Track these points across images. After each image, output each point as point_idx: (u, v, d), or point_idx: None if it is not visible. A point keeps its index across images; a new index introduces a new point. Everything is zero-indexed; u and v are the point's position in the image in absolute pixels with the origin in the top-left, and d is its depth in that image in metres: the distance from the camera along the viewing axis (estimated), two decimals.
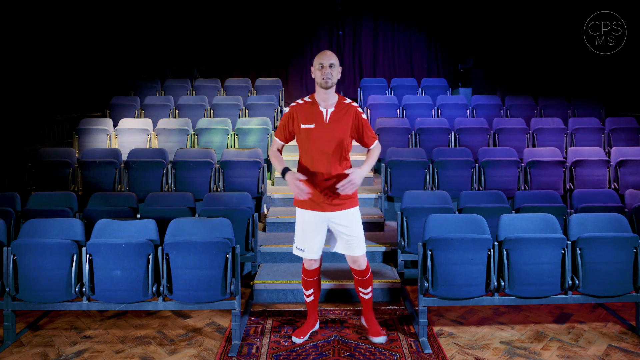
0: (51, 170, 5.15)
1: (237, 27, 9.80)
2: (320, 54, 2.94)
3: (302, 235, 3.07)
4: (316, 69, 2.92)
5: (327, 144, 2.92)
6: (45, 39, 7.70)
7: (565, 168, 5.23)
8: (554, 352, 3.13)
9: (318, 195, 2.96)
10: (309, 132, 2.93)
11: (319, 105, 2.96)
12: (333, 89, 2.96)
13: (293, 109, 3.01)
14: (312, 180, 2.95)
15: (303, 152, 3.00)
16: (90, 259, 3.18)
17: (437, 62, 10.17)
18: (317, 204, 2.97)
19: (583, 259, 3.25)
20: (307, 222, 3.04)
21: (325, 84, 2.89)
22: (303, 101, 3.03)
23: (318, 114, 2.95)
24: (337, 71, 2.92)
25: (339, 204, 2.97)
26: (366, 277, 3.16)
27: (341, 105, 2.98)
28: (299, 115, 2.97)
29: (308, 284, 3.24)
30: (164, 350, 3.18)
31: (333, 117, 2.94)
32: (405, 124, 6.23)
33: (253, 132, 6.01)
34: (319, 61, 2.90)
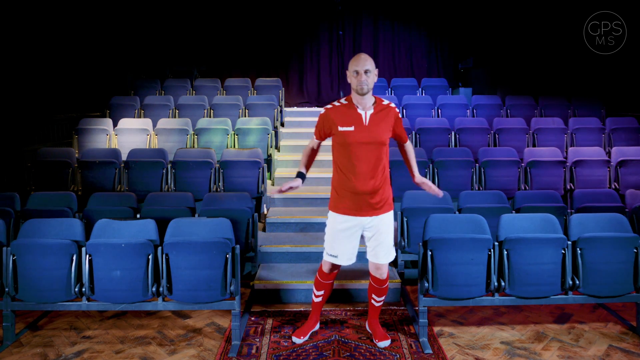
0: (51, 170, 5.14)
1: (237, 27, 9.79)
2: (355, 58, 2.86)
3: (334, 241, 3.01)
4: (351, 75, 2.85)
5: (366, 147, 2.87)
6: (45, 39, 7.70)
7: (566, 168, 5.23)
8: (555, 353, 3.13)
9: (354, 200, 2.91)
10: (347, 135, 2.87)
11: (356, 108, 2.90)
12: (370, 93, 2.90)
13: (329, 111, 2.95)
14: (350, 185, 2.90)
15: (340, 155, 2.94)
16: (89, 259, 3.17)
17: (437, 62, 10.16)
18: (355, 209, 2.93)
19: (583, 259, 3.25)
20: (340, 228, 2.98)
21: (361, 90, 2.83)
22: (340, 103, 2.97)
23: (357, 116, 2.89)
24: (373, 76, 2.86)
25: (377, 208, 2.94)
26: (384, 286, 3.13)
27: (380, 107, 2.94)
28: (335, 118, 2.91)
29: (321, 285, 3.21)
30: (164, 350, 3.17)
31: (373, 120, 2.89)
32: (405, 124, 6.22)
33: (253, 132, 6.01)
34: (353, 67, 2.83)
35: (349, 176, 2.90)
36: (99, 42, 8.66)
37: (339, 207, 2.97)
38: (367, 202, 2.91)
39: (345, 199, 2.94)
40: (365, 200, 2.91)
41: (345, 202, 2.94)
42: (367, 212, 2.93)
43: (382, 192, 2.94)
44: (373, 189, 2.89)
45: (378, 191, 2.91)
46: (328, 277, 3.17)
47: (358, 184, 2.88)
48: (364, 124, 2.89)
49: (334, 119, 2.92)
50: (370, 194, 2.90)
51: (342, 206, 2.95)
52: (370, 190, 2.89)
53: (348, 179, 2.90)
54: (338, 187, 2.97)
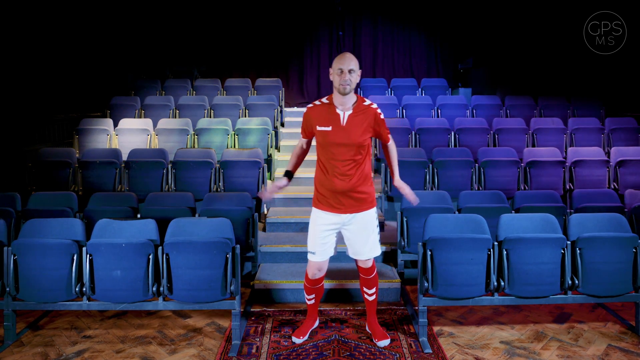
0: (51, 170, 5.15)
1: (237, 28, 9.80)
2: (340, 57, 2.85)
3: (314, 236, 3.05)
4: (335, 73, 2.84)
5: (343, 147, 2.88)
6: (45, 39, 7.70)
7: (565, 168, 5.24)
8: (554, 352, 3.14)
9: (334, 198, 2.94)
10: (325, 135, 2.90)
11: (336, 108, 2.91)
12: (352, 93, 2.90)
13: (309, 110, 2.99)
14: (329, 183, 2.93)
15: (320, 153, 2.98)
16: (90, 259, 3.18)
17: (436, 62, 10.17)
18: (335, 207, 2.96)
19: (583, 259, 3.26)
20: (321, 223, 3.01)
21: (343, 90, 2.83)
22: (320, 102, 2.99)
23: (335, 116, 2.90)
24: (356, 76, 2.86)
25: (357, 205, 2.96)
26: (371, 275, 3.15)
27: (360, 107, 2.93)
28: (314, 117, 2.94)
29: (310, 290, 3.23)
30: (164, 350, 3.18)
31: (350, 120, 2.89)
32: (405, 124, 6.23)
33: (253, 132, 6.02)
34: (338, 65, 2.83)
35: (328, 175, 2.93)
36: (99, 42, 8.66)
37: (320, 204, 3.01)
38: (347, 200, 2.94)
39: (326, 197, 2.97)
40: (345, 198, 2.93)
41: (326, 200, 2.97)
42: (347, 210, 2.96)
43: (362, 191, 2.96)
44: (351, 187, 2.91)
45: (357, 189, 2.93)
46: (315, 283, 3.18)
47: (336, 183, 2.91)
48: (341, 124, 2.89)
49: (314, 118, 2.95)
50: (349, 192, 2.92)
51: (323, 203, 2.99)
52: (348, 189, 2.91)
53: (327, 178, 2.94)
54: (319, 185, 3.01)
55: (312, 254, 3.07)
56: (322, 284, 3.23)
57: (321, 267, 3.11)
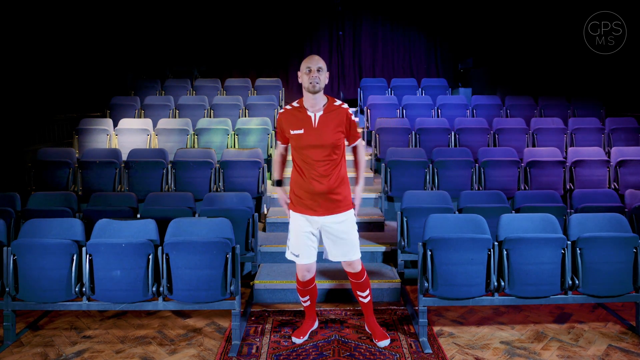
0: (51, 170, 5.15)
1: (237, 27, 9.80)
2: (308, 58, 2.90)
3: (296, 240, 3.04)
4: (303, 73, 2.88)
5: (317, 149, 2.89)
6: (45, 39, 7.70)
7: (565, 168, 5.23)
8: (554, 352, 3.13)
9: (312, 200, 2.94)
10: (298, 138, 2.90)
11: (307, 110, 2.93)
12: (321, 93, 2.92)
13: (281, 116, 3.00)
14: (306, 185, 2.93)
15: (296, 156, 2.98)
16: (90, 259, 3.18)
17: (436, 62, 10.17)
18: (311, 209, 2.95)
19: (583, 259, 3.25)
20: (300, 226, 3.01)
21: (312, 88, 2.85)
22: (291, 107, 3.01)
23: (306, 119, 2.91)
24: (324, 75, 2.89)
25: (334, 207, 2.96)
26: (362, 279, 3.14)
27: (330, 107, 2.94)
28: (286, 122, 2.96)
29: (303, 292, 3.23)
30: (164, 350, 3.18)
31: (322, 121, 2.90)
32: (405, 124, 6.23)
33: (253, 132, 6.01)
34: (306, 65, 2.87)
35: (304, 177, 2.93)
36: (99, 42, 8.66)
37: (297, 207, 3.00)
38: (324, 201, 2.93)
39: (302, 199, 2.97)
40: (322, 200, 2.93)
41: (304, 201, 2.96)
42: (324, 212, 2.95)
43: (339, 192, 2.96)
44: (328, 189, 2.91)
45: (335, 191, 2.93)
46: (305, 284, 3.17)
47: (314, 185, 2.90)
48: (313, 126, 2.90)
49: (285, 123, 2.97)
50: (326, 194, 2.92)
51: (300, 206, 2.99)
52: (325, 191, 2.91)
53: (304, 180, 2.93)
54: (295, 187, 3.00)
55: (297, 257, 3.05)
56: (314, 285, 3.22)
57: (310, 268, 3.10)
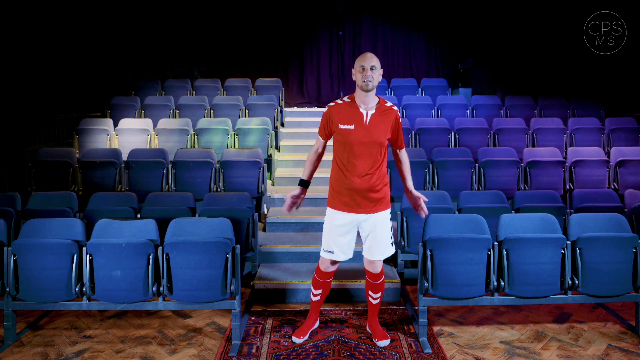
0: (51, 170, 5.15)
1: (237, 28, 9.80)
2: (362, 56, 2.93)
3: (332, 237, 3.04)
4: (357, 71, 2.90)
5: (365, 146, 2.91)
6: (46, 39, 7.70)
7: (565, 168, 5.24)
8: (554, 352, 3.14)
9: (352, 197, 2.95)
10: (347, 133, 2.92)
11: (359, 107, 2.95)
12: (374, 92, 2.95)
13: (331, 109, 3.00)
14: (347, 182, 2.94)
15: (340, 152, 2.98)
16: (90, 259, 3.18)
17: (436, 62, 10.17)
18: (351, 206, 2.96)
19: (583, 259, 3.26)
20: (338, 224, 3.01)
21: (366, 86, 2.88)
22: (342, 101, 3.01)
23: (358, 115, 2.93)
24: (378, 74, 2.91)
25: (373, 205, 2.97)
26: (379, 281, 3.15)
27: (382, 108, 2.97)
28: (337, 116, 2.96)
29: (319, 284, 3.22)
30: (164, 350, 3.18)
31: (373, 120, 2.93)
32: (405, 124, 6.23)
33: (253, 132, 6.02)
34: (360, 63, 2.89)
35: (347, 174, 2.94)
36: (99, 42, 8.66)
37: (336, 203, 3.01)
38: (364, 199, 2.95)
39: (342, 195, 2.97)
40: (362, 198, 2.94)
41: (343, 198, 2.97)
42: (363, 209, 2.97)
43: (380, 190, 2.98)
44: (370, 186, 2.93)
45: (375, 189, 2.95)
46: (326, 276, 3.18)
47: (356, 182, 2.92)
48: (364, 123, 2.93)
49: (336, 116, 2.97)
50: (367, 192, 2.93)
51: (339, 203, 2.99)
52: (367, 188, 2.93)
53: (346, 177, 2.94)
54: (336, 184, 3.01)
55: (331, 254, 3.05)
56: (330, 280, 3.23)
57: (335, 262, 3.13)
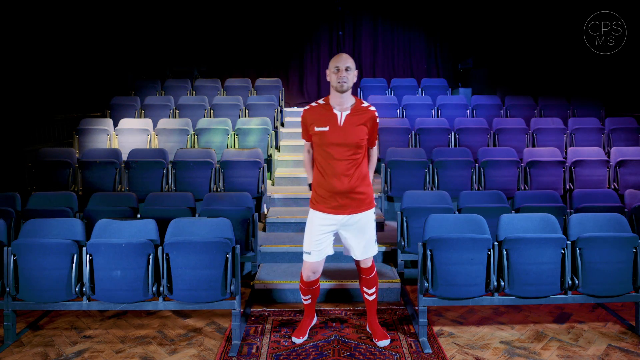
0: (51, 170, 5.15)
1: (237, 28, 9.80)
2: (337, 57, 2.91)
3: (310, 237, 3.05)
4: (332, 72, 2.88)
5: (341, 147, 2.89)
6: (45, 39, 7.70)
7: (565, 168, 5.24)
8: (554, 352, 3.14)
9: (333, 198, 2.94)
10: (322, 135, 2.91)
11: (333, 108, 2.93)
12: (349, 92, 2.93)
13: (305, 113, 3.00)
14: (327, 184, 2.93)
15: (318, 154, 2.98)
16: (90, 259, 3.18)
17: (436, 62, 10.17)
18: (333, 207, 2.96)
19: (583, 259, 3.26)
20: (319, 224, 3.01)
21: (340, 87, 2.86)
22: (316, 104, 3.01)
23: (332, 117, 2.92)
24: (353, 74, 2.89)
25: (356, 206, 2.97)
26: (371, 275, 3.16)
27: (358, 108, 2.95)
28: (310, 119, 2.96)
29: (306, 291, 3.24)
30: (164, 350, 3.18)
31: (348, 121, 2.91)
32: (405, 124, 6.23)
33: (253, 132, 6.02)
34: (334, 64, 2.87)
35: (326, 176, 2.94)
36: (99, 42, 8.66)
37: (318, 205, 3.01)
38: (346, 200, 2.94)
39: (324, 197, 2.97)
40: (344, 199, 2.94)
41: (325, 200, 2.97)
42: (345, 210, 2.96)
43: (361, 191, 2.97)
44: (350, 188, 2.92)
45: (356, 190, 2.94)
46: (309, 285, 3.19)
47: (335, 183, 2.91)
48: (338, 124, 2.91)
49: (310, 120, 2.97)
50: (349, 193, 2.93)
51: (321, 204, 2.99)
52: (347, 189, 2.92)
53: (325, 179, 2.94)
54: (317, 186, 3.01)
55: (308, 254, 3.07)
56: (317, 285, 3.24)
57: (316, 269, 3.11)
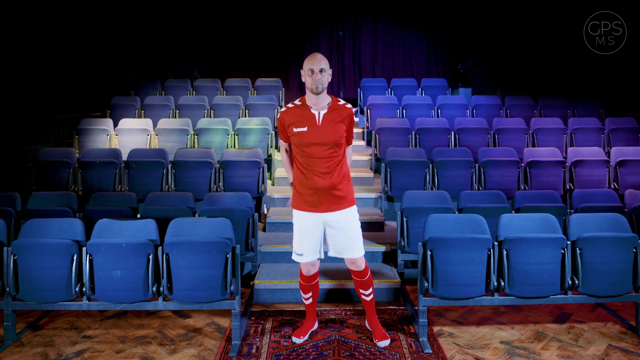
0: (51, 170, 5.15)
1: (237, 27, 9.80)
2: (310, 57, 2.90)
3: (300, 238, 3.05)
4: (306, 74, 2.88)
5: (320, 146, 2.90)
6: (46, 39, 7.70)
7: (565, 168, 5.24)
8: (554, 352, 3.14)
9: (314, 196, 2.95)
10: (301, 136, 2.91)
11: (310, 108, 2.94)
12: (324, 93, 2.93)
13: (282, 115, 3.00)
14: (308, 182, 2.94)
15: (298, 154, 2.98)
16: (90, 259, 3.18)
17: (436, 62, 10.18)
18: (314, 205, 2.97)
19: (583, 259, 3.26)
20: (304, 224, 3.02)
21: (316, 89, 2.86)
22: (293, 105, 3.01)
23: (310, 116, 2.92)
24: (327, 75, 2.89)
25: (337, 204, 2.97)
26: (365, 277, 3.15)
27: (334, 107, 2.96)
28: (289, 120, 2.96)
29: (306, 288, 3.24)
30: (164, 350, 3.18)
31: (326, 119, 2.91)
32: (405, 124, 6.23)
33: (253, 132, 6.02)
34: (308, 66, 2.86)
35: (307, 174, 2.94)
36: (99, 42, 8.67)
37: (301, 204, 3.01)
38: (327, 197, 2.95)
39: (305, 196, 2.98)
40: (325, 196, 2.94)
41: (306, 198, 2.97)
42: (327, 208, 2.97)
43: (341, 189, 2.97)
44: (331, 184, 2.92)
45: (337, 187, 2.94)
46: (309, 279, 3.19)
47: (316, 181, 2.92)
48: (317, 124, 2.91)
49: (288, 121, 2.96)
50: (330, 189, 2.93)
51: (303, 203, 2.99)
52: (329, 186, 2.92)
53: (307, 177, 2.94)
54: (299, 185, 3.01)
55: (300, 256, 3.06)
56: (317, 281, 3.25)
57: (314, 263, 3.13)
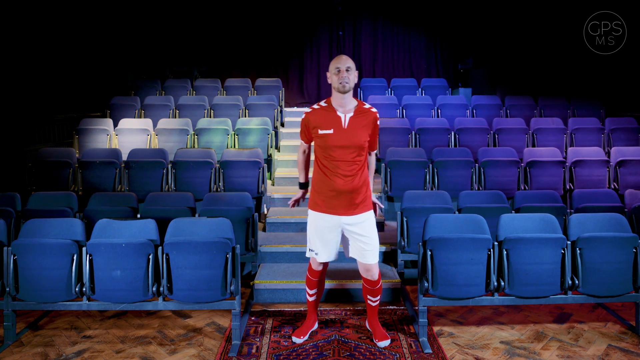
0: (51, 170, 5.15)
1: (237, 27, 9.80)
2: (337, 58, 2.92)
3: (315, 238, 3.06)
4: (332, 73, 2.89)
5: (345, 149, 2.90)
6: (45, 39, 7.70)
7: (565, 168, 5.24)
8: (554, 352, 3.14)
9: (334, 199, 2.95)
10: (327, 138, 2.91)
11: (336, 111, 2.93)
12: (350, 94, 2.93)
13: (308, 116, 3.00)
14: (330, 184, 2.93)
15: (321, 155, 2.98)
16: (90, 259, 3.18)
17: (436, 62, 10.17)
18: (333, 208, 2.96)
19: (583, 259, 3.26)
20: (320, 225, 3.02)
21: (342, 88, 2.86)
22: (319, 106, 3.00)
23: (336, 119, 2.92)
24: (354, 75, 2.90)
25: (355, 207, 2.97)
26: (377, 287, 3.16)
27: (360, 110, 2.96)
28: (314, 122, 2.95)
29: (313, 283, 3.24)
30: (164, 350, 3.18)
31: (352, 123, 2.91)
32: (405, 124, 6.23)
33: (253, 132, 6.02)
34: (335, 65, 2.87)
35: (330, 176, 2.94)
36: (99, 42, 8.66)
37: (319, 205, 3.01)
38: (347, 201, 2.95)
39: (325, 197, 2.98)
40: (345, 199, 2.94)
41: (326, 200, 2.98)
42: (346, 212, 2.97)
43: (362, 192, 2.98)
44: (353, 188, 2.93)
45: (357, 191, 2.95)
46: (317, 274, 3.20)
47: (338, 183, 2.91)
48: (342, 126, 2.91)
49: (314, 123, 2.96)
50: (351, 193, 2.93)
51: (322, 205, 3.00)
52: (350, 189, 2.92)
53: (329, 178, 2.94)
54: (318, 186, 3.01)
55: (315, 254, 3.08)
56: (324, 278, 3.27)
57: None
